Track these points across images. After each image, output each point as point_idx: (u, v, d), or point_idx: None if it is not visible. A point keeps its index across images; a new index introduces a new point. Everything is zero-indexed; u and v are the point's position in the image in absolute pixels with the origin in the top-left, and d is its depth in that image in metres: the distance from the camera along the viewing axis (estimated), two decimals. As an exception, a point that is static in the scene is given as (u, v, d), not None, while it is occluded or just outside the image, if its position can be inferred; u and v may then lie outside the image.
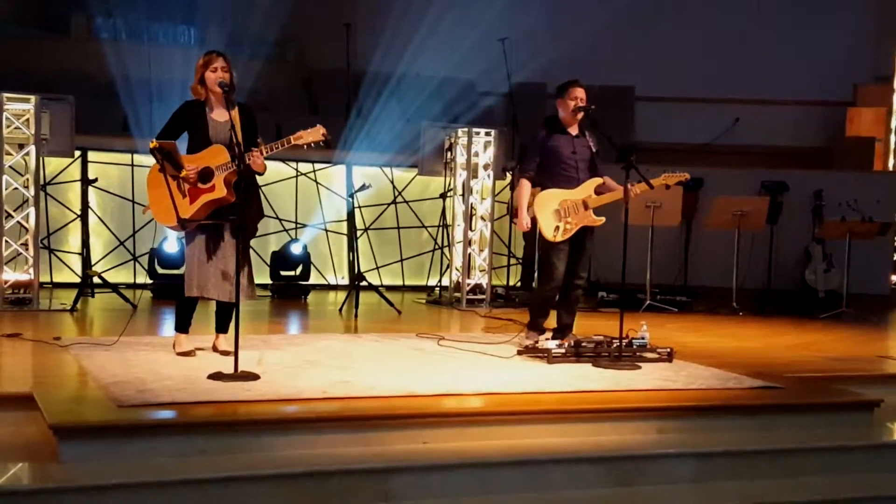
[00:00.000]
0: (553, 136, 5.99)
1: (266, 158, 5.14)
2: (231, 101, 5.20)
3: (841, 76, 12.19)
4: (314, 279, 9.47)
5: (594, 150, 6.02)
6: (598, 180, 5.96)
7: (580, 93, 5.94)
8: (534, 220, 5.95)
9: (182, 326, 5.41)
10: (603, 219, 5.95)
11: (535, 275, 7.76)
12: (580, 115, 5.95)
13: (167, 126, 5.30)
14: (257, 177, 5.29)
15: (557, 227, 5.86)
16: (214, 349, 5.41)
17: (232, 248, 5.12)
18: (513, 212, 8.37)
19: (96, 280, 8.13)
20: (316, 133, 5.17)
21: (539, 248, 6.23)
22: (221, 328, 5.43)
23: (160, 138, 5.16)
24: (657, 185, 5.85)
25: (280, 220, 9.70)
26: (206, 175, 5.14)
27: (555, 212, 5.87)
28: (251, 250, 5.57)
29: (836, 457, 4.50)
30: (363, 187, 8.34)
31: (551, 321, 6.20)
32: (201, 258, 5.20)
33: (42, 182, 7.89)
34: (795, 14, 12.34)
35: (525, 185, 6.01)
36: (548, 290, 6.05)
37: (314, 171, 9.88)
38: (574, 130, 6.03)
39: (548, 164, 5.98)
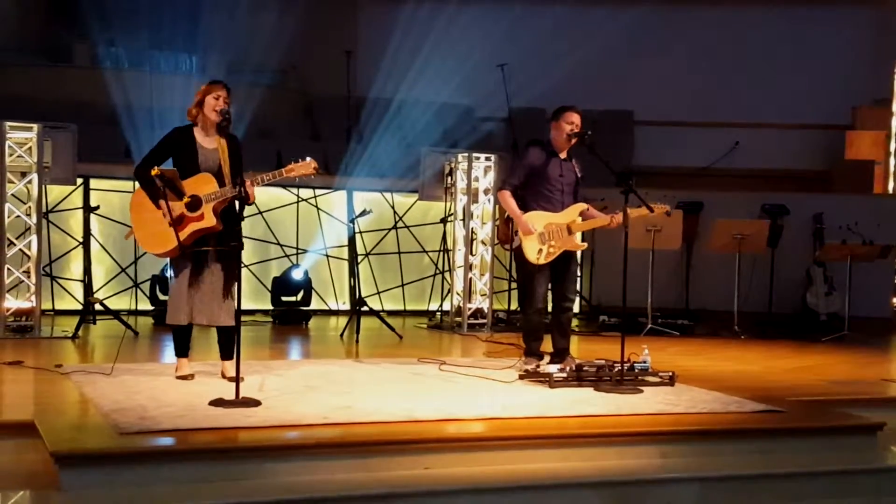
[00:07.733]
0: (545, 157, 5.99)
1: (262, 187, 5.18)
2: (224, 131, 5.24)
3: (840, 100, 12.23)
4: (315, 304, 9.47)
5: (579, 175, 6.06)
6: (582, 205, 5.98)
7: (575, 118, 5.95)
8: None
9: (181, 351, 5.43)
10: (585, 244, 5.94)
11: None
12: (574, 141, 5.97)
13: (155, 151, 5.29)
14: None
15: (541, 250, 5.85)
16: (223, 376, 5.37)
17: (218, 274, 5.22)
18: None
19: (98, 307, 8.14)
20: (307, 167, 5.21)
21: (519, 272, 6.17)
22: (226, 355, 5.39)
23: (147, 163, 5.17)
24: (658, 212, 5.88)
25: (281, 245, 9.72)
26: (194, 204, 5.13)
27: (539, 235, 5.85)
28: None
29: (838, 481, 4.48)
30: (364, 213, 8.36)
31: (548, 345, 6.19)
32: (190, 285, 5.21)
33: (44, 210, 7.93)
34: (794, 38, 12.41)
35: (510, 197, 5.95)
36: (532, 315, 6.05)
37: (315, 196, 9.91)
38: (563, 154, 6.05)
39: (534, 184, 5.98)
